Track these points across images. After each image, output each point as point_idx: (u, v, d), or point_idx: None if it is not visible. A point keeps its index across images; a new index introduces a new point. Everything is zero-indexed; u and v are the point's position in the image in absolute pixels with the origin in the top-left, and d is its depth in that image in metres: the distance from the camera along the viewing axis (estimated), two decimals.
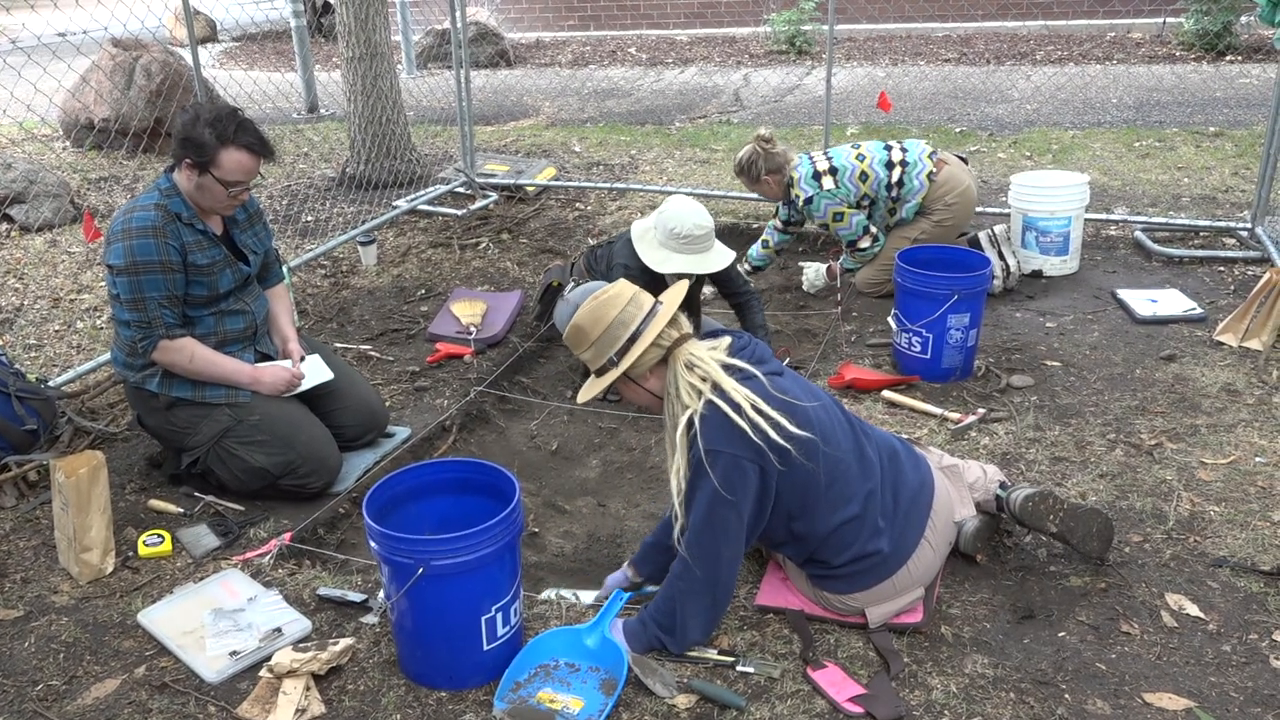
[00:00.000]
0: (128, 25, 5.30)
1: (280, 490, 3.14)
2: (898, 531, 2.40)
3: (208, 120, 2.95)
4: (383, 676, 2.37)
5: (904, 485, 2.45)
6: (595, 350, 2.35)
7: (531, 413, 3.90)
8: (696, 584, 2.30)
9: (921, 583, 2.45)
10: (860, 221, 4.44)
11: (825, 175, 4.38)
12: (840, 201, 4.38)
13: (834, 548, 2.36)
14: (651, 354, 2.32)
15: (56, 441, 3.47)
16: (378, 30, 6.45)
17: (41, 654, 2.50)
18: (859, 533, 2.36)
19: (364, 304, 4.81)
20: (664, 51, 12.00)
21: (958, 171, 4.42)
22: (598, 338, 2.34)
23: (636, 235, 3.70)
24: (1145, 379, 3.67)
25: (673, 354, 2.32)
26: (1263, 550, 2.68)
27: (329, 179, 6.95)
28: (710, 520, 2.26)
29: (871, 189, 4.39)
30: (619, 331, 2.32)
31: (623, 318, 2.32)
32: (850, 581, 2.40)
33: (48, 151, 7.63)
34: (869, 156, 4.39)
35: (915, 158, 4.39)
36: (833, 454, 2.33)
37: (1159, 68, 9.27)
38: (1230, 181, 5.93)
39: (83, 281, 5.17)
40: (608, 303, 2.34)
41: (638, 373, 2.35)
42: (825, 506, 2.33)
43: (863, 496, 2.36)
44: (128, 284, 2.95)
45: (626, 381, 2.38)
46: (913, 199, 4.39)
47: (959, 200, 4.40)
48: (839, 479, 2.34)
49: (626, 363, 2.32)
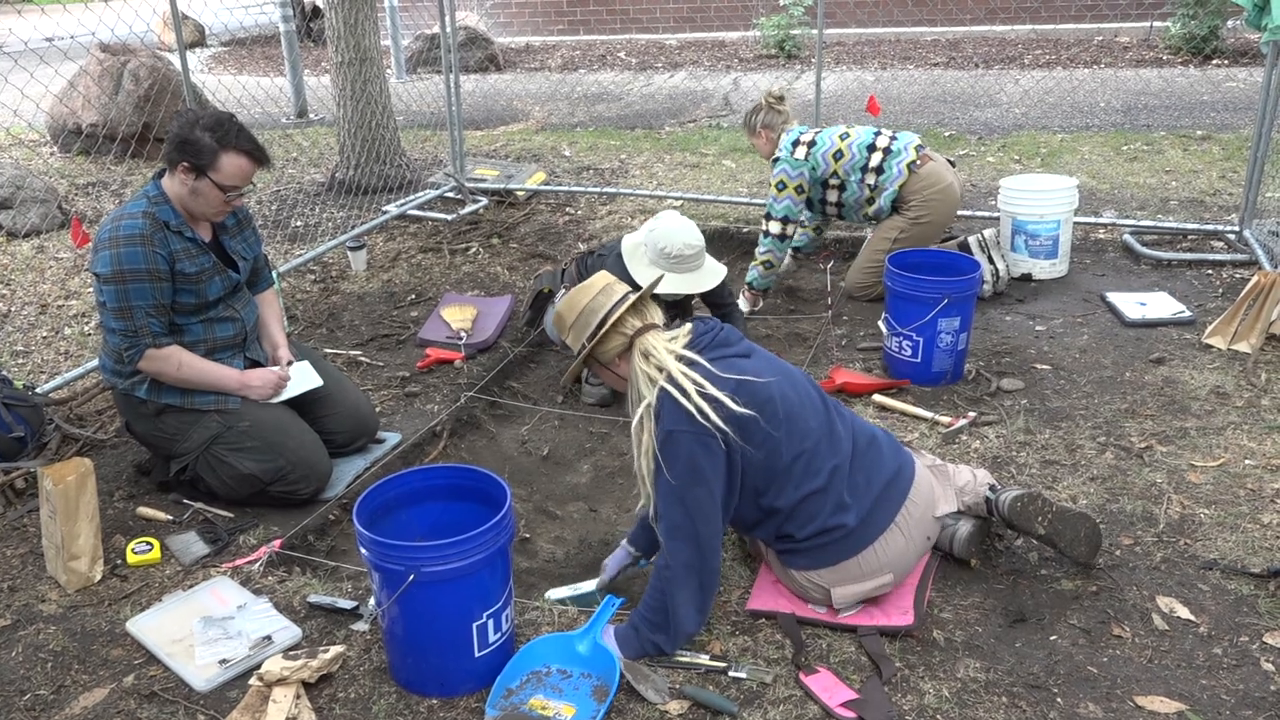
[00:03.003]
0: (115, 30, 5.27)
1: (270, 497, 3.12)
2: (865, 510, 2.43)
3: (206, 124, 2.94)
4: (373, 684, 2.36)
5: (879, 468, 2.49)
6: (573, 334, 2.50)
7: (522, 418, 3.89)
8: (680, 570, 2.32)
9: (891, 569, 2.45)
10: (788, 206, 4.42)
11: (802, 145, 4.44)
12: (794, 176, 4.40)
13: (798, 520, 2.41)
14: (616, 340, 2.44)
15: (44, 448, 3.46)
16: (367, 35, 6.44)
17: (29, 663, 2.49)
18: (823, 505, 2.40)
19: (354, 309, 4.80)
20: (653, 56, 12.01)
21: (942, 169, 4.41)
22: (573, 323, 2.49)
23: (627, 251, 3.67)
24: (1135, 382, 3.68)
25: (635, 342, 2.42)
26: (1253, 553, 2.69)
27: (318, 184, 6.94)
28: (684, 502, 2.31)
29: (843, 169, 4.40)
30: (590, 318, 2.46)
31: (593, 305, 2.46)
32: (814, 556, 2.44)
33: (35, 157, 7.60)
34: (852, 136, 4.43)
35: (901, 147, 4.39)
36: (799, 428, 2.40)
37: (1146, 71, 9.32)
38: (1218, 185, 5.96)
39: (70, 287, 5.15)
40: (582, 291, 2.50)
41: (606, 358, 2.48)
42: (790, 480, 2.39)
43: (828, 471, 2.41)
44: (114, 292, 2.93)
45: (598, 365, 2.52)
46: (890, 186, 4.36)
47: (939, 198, 4.36)
48: (804, 453, 2.40)
49: (590, 346, 2.45)
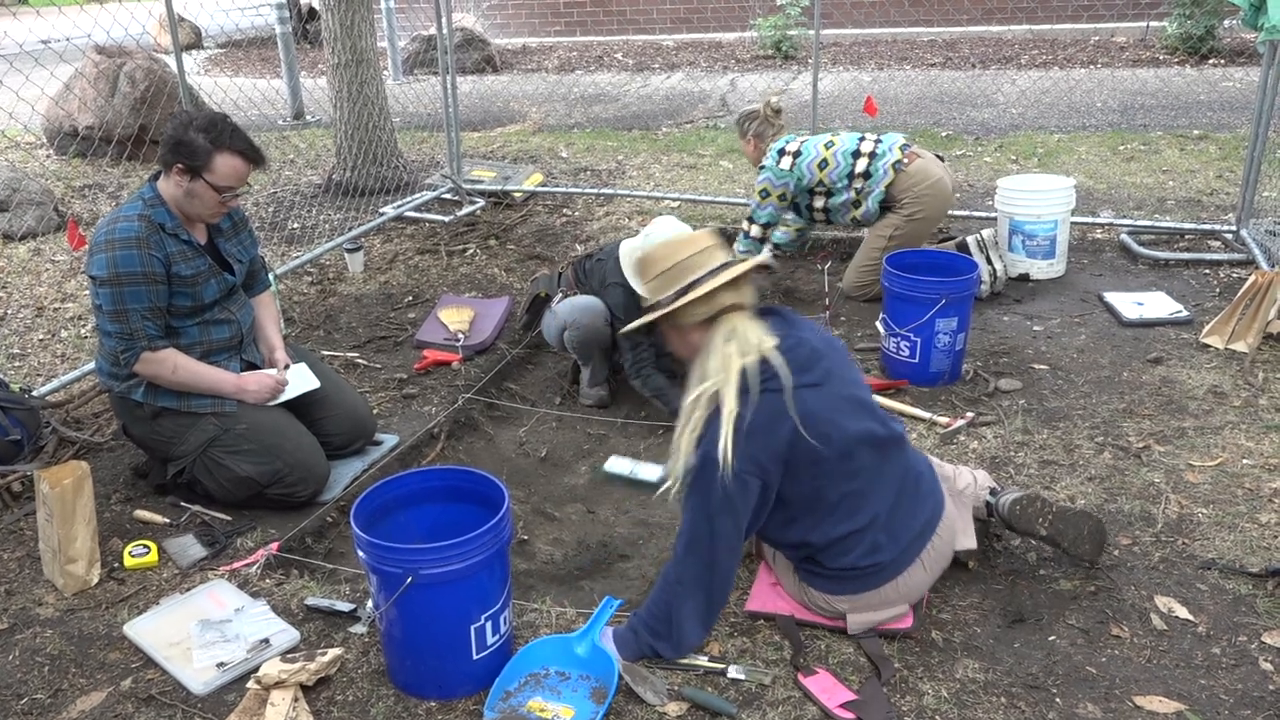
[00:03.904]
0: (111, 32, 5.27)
1: (267, 499, 3.12)
2: (898, 552, 2.37)
3: (200, 125, 2.94)
4: (371, 687, 2.35)
5: (918, 511, 2.42)
6: (656, 284, 2.36)
7: (520, 419, 3.88)
8: (691, 584, 2.30)
9: (906, 599, 2.43)
10: (770, 214, 4.60)
11: (788, 155, 4.50)
12: (778, 185, 4.50)
13: (830, 554, 2.36)
14: (701, 308, 2.30)
15: (41, 452, 3.45)
16: (363, 36, 6.44)
17: (26, 667, 2.48)
18: (858, 544, 2.34)
19: (351, 311, 4.79)
20: (650, 57, 12.02)
21: (930, 165, 4.40)
22: (662, 272, 2.34)
23: (625, 256, 3.66)
24: (1132, 382, 3.68)
25: (721, 318, 2.30)
26: (1251, 552, 2.69)
27: (315, 186, 6.93)
28: (711, 522, 2.25)
29: (829, 177, 4.44)
30: (682, 274, 2.31)
31: (689, 263, 2.32)
32: (839, 584, 2.40)
33: (31, 159, 7.59)
34: (837, 144, 4.46)
35: (885, 149, 4.41)
36: (849, 467, 2.30)
37: (1143, 71, 9.33)
38: (1215, 184, 5.96)
39: (67, 290, 5.14)
40: (683, 244, 2.35)
41: (684, 321, 2.33)
42: (830, 517, 2.33)
43: (870, 514, 2.33)
44: (110, 295, 2.93)
45: (671, 326, 2.38)
46: (876, 189, 4.37)
47: (930, 192, 4.35)
48: (850, 494, 2.32)
49: (673, 306, 2.31)
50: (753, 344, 2.27)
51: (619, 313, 3.66)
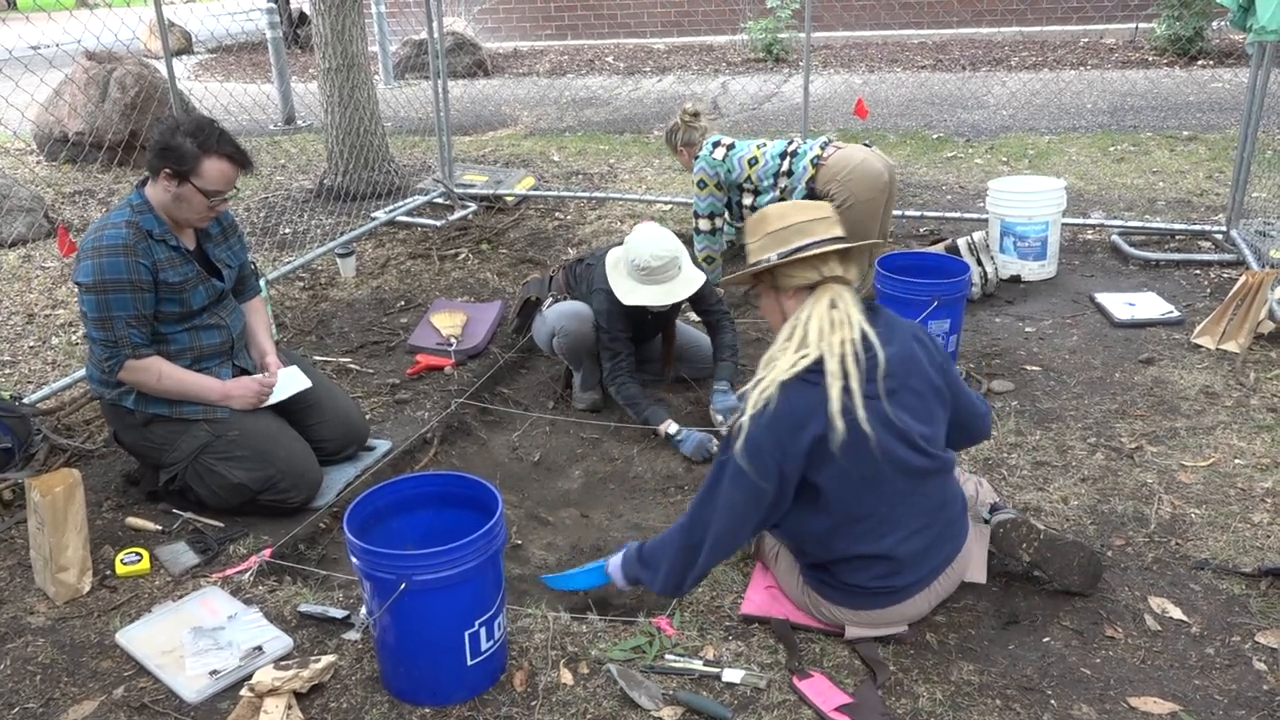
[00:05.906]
0: (102, 38, 5.26)
1: (260, 506, 3.11)
2: (914, 579, 2.36)
3: (188, 130, 2.93)
4: (365, 694, 2.34)
5: (942, 545, 2.39)
6: (765, 241, 2.32)
7: (513, 424, 3.88)
8: (682, 539, 2.33)
9: (908, 620, 2.42)
10: (711, 203, 4.69)
11: (721, 148, 4.64)
12: (712, 174, 4.61)
13: (847, 569, 2.34)
14: (806, 274, 2.27)
15: (32, 459, 3.43)
16: (355, 41, 6.43)
17: (18, 676, 2.47)
18: (874, 566, 2.32)
19: (343, 316, 4.78)
20: (641, 60, 12.03)
21: (851, 152, 4.35)
22: (774, 230, 2.30)
23: (610, 264, 3.66)
24: (1124, 382, 3.69)
25: (824, 285, 2.27)
26: (1244, 552, 2.70)
27: (306, 191, 6.92)
28: (726, 491, 2.24)
29: (757, 174, 4.53)
30: (793, 237, 2.28)
31: (804, 228, 2.29)
32: (845, 596, 2.38)
33: (21, 165, 7.56)
34: (769, 146, 4.58)
35: (807, 148, 4.46)
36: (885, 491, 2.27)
37: (1132, 73, 9.36)
38: (1204, 185, 5.99)
39: (57, 297, 5.12)
40: (800, 209, 2.33)
41: (784, 285, 2.30)
42: (852, 533, 2.30)
43: (893, 541, 2.30)
44: (95, 302, 2.92)
45: (769, 289, 2.35)
46: (799, 185, 4.39)
47: (855, 176, 4.26)
48: (873, 516, 2.28)
49: (781, 263, 2.27)
50: (855, 320, 2.24)
51: (601, 319, 3.66)
